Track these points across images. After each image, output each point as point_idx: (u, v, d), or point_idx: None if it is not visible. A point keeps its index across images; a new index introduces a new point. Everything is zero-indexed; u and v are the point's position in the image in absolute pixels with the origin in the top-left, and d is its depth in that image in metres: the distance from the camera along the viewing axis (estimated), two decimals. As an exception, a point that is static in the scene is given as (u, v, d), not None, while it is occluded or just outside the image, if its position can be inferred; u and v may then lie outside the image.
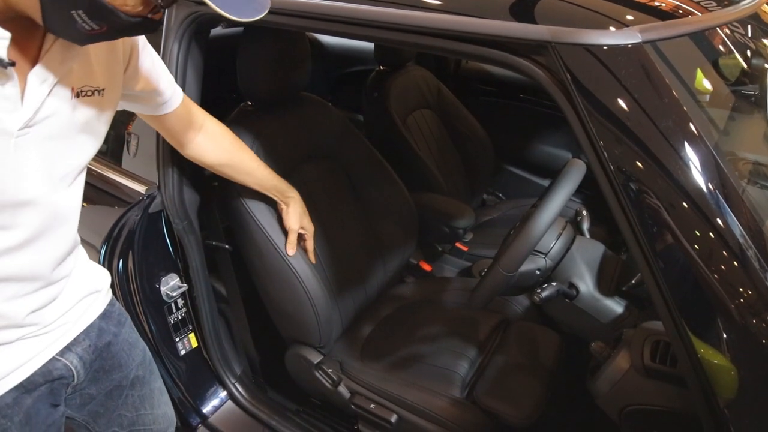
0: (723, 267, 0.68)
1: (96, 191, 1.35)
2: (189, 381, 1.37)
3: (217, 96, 1.38)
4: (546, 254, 1.06)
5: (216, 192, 1.35)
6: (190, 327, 1.36)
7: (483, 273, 1.01)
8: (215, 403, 1.41)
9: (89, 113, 0.72)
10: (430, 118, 2.01)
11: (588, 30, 0.72)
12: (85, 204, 1.39)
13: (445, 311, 1.48)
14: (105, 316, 0.91)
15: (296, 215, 1.19)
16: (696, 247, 0.68)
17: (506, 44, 0.76)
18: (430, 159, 1.90)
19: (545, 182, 2.18)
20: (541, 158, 2.19)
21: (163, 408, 1.05)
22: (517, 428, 1.17)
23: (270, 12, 0.96)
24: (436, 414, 1.19)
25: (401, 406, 1.23)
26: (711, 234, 0.68)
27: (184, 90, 1.11)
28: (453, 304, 1.51)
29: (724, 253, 0.68)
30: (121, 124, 1.32)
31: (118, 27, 0.58)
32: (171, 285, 1.28)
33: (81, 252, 0.88)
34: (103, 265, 1.23)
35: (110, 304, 0.94)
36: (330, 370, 1.29)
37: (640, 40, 0.72)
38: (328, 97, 1.58)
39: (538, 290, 1.01)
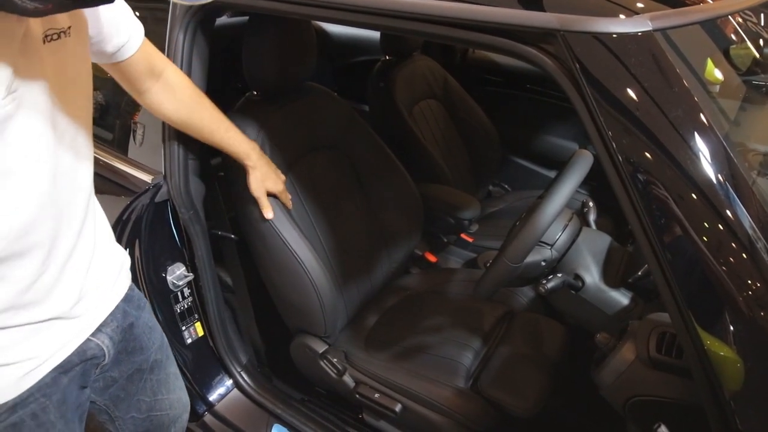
0: (731, 259, 0.68)
1: (102, 180, 1.36)
2: (195, 369, 1.38)
3: (223, 85, 1.38)
4: (552, 245, 1.05)
5: (222, 182, 1.35)
6: (196, 316, 1.37)
7: (488, 264, 1.01)
8: (221, 391, 1.43)
9: (63, 58, 0.68)
10: (436, 109, 2.00)
11: (597, 18, 0.71)
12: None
13: (450, 302, 1.48)
14: (127, 298, 0.92)
15: (256, 182, 1.15)
16: (704, 238, 0.68)
17: (513, 32, 0.75)
18: (436, 149, 1.89)
19: (551, 173, 2.16)
20: (547, 149, 2.17)
21: (177, 393, 1.06)
22: (521, 419, 1.17)
23: (276, 0, 0.95)
24: (441, 404, 1.19)
25: (406, 396, 1.24)
26: (720, 225, 0.67)
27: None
28: (458, 295, 1.51)
29: (733, 244, 0.68)
30: (128, 114, 1.32)
31: (63, 2, 0.54)
32: (177, 274, 1.29)
33: (104, 229, 0.87)
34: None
35: (130, 288, 0.94)
36: (335, 360, 1.30)
37: (650, 28, 0.71)
38: (334, 87, 1.57)
39: (544, 281, 1.01)
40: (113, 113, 1.39)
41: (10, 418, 0.72)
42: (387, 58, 1.93)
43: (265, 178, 1.17)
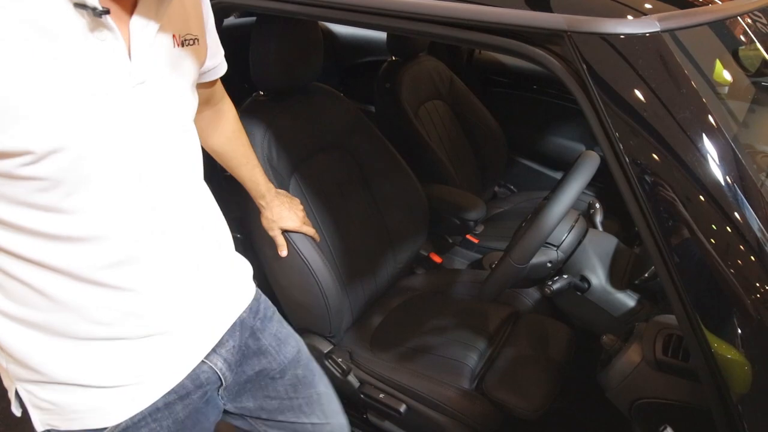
0: (740, 261, 0.67)
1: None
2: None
3: (230, 86, 1.38)
4: (558, 246, 1.05)
5: (228, 182, 1.36)
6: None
7: (493, 265, 1.00)
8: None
9: (191, 63, 0.68)
10: (442, 109, 2.00)
11: (605, 18, 0.70)
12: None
13: (455, 303, 1.48)
14: (250, 310, 0.86)
15: (267, 221, 1.16)
16: (712, 240, 0.67)
17: (520, 33, 0.75)
18: (442, 150, 1.89)
19: (557, 175, 2.16)
20: (553, 150, 2.16)
21: (338, 418, 1.00)
22: (526, 420, 1.17)
23: (283, 0, 0.95)
24: (445, 405, 1.19)
25: (410, 396, 1.24)
26: (728, 228, 0.67)
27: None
28: (463, 295, 1.51)
29: (741, 247, 0.67)
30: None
31: None
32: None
33: (224, 236, 0.82)
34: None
35: (255, 298, 0.88)
36: (340, 360, 1.30)
37: (658, 29, 0.70)
38: (340, 88, 1.57)
39: (549, 283, 1.01)
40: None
41: None
42: (393, 58, 1.93)
43: (278, 218, 1.15)
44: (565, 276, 1.03)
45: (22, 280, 0.59)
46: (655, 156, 0.69)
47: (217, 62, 0.84)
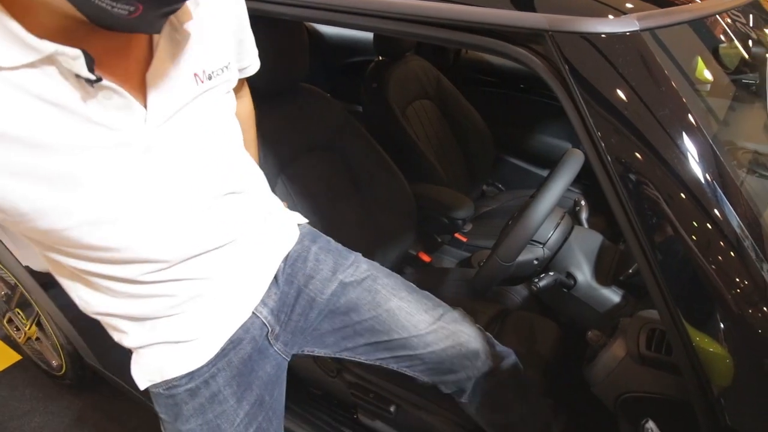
0: (720, 257, 0.68)
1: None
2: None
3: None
4: (544, 244, 1.06)
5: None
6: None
7: (482, 263, 1.01)
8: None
9: (221, 88, 0.69)
10: (429, 109, 2.01)
11: (585, 18, 0.71)
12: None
13: (445, 301, 1.48)
14: (286, 258, 0.92)
15: None
16: (693, 237, 0.68)
17: (503, 33, 0.75)
18: (429, 150, 1.90)
19: (545, 173, 2.17)
20: (540, 149, 2.18)
21: (423, 324, 0.95)
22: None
23: (268, 1, 0.95)
24: (435, 404, 1.19)
25: (401, 396, 1.24)
26: (708, 225, 0.68)
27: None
28: (452, 294, 1.51)
29: (722, 243, 0.68)
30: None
31: (149, 2, 0.48)
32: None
33: (263, 200, 0.87)
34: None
35: (296, 265, 0.92)
36: (329, 360, 1.30)
37: (637, 28, 0.71)
38: (328, 89, 1.57)
39: (536, 280, 1.02)
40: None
41: (188, 384, 0.80)
42: (380, 58, 1.93)
43: None
44: (552, 273, 1.04)
45: (128, 293, 0.72)
46: (636, 154, 0.70)
47: (248, 63, 0.84)
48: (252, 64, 0.86)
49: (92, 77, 0.51)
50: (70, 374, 1.84)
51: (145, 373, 0.80)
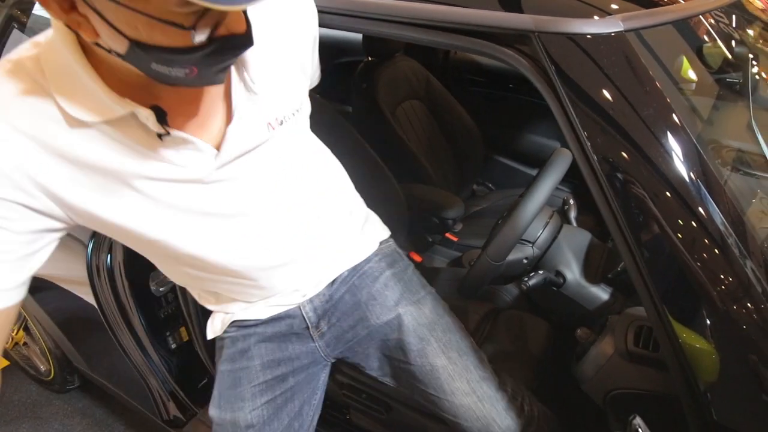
0: (705, 255, 0.69)
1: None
2: (180, 374, 1.38)
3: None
4: (533, 243, 1.07)
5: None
6: (181, 321, 1.37)
7: (472, 263, 1.02)
8: (208, 395, 1.42)
9: (293, 129, 0.75)
10: (419, 109, 2.01)
11: (571, 19, 0.72)
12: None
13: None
14: (354, 268, 0.96)
15: None
16: (679, 235, 0.69)
17: (490, 34, 0.76)
18: (420, 150, 1.90)
19: (534, 172, 2.17)
20: (530, 148, 2.19)
21: (463, 399, 0.94)
22: None
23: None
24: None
25: (392, 397, 1.24)
26: (693, 223, 0.69)
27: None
28: (443, 294, 1.51)
29: (706, 241, 0.69)
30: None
31: (201, 64, 0.52)
32: (160, 279, 1.28)
33: (342, 218, 0.93)
34: (90, 261, 1.22)
35: (366, 258, 0.96)
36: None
37: (622, 29, 0.72)
38: (317, 89, 1.56)
39: (526, 278, 1.02)
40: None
41: (231, 334, 0.93)
42: (369, 59, 1.93)
43: None
44: (541, 272, 1.05)
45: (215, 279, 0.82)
46: (621, 154, 0.71)
47: (313, 80, 0.89)
48: (315, 79, 0.91)
49: (162, 131, 0.60)
50: (58, 379, 1.82)
51: (211, 330, 0.95)
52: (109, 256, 1.21)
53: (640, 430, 0.65)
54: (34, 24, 1.24)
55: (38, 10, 1.23)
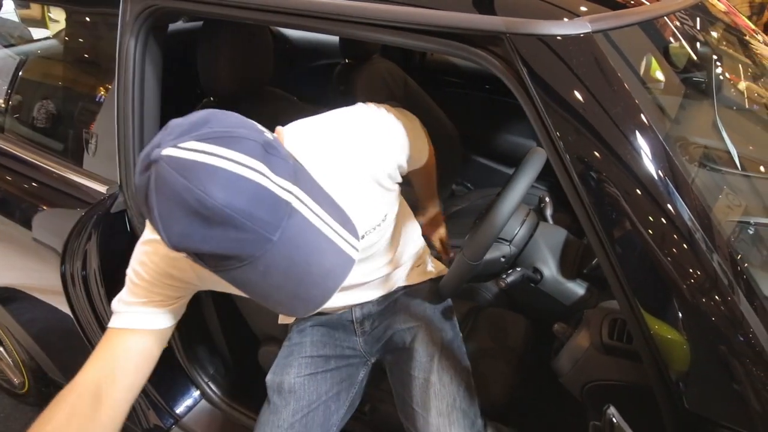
0: (674, 249, 0.71)
1: (56, 193, 1.31)
2: (160, 382, 1.36)
3: (184, 92, 1.36)
4: (510, 241, 1.08)
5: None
6: (160, 328, 1.34)
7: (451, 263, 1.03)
8: (188, 403, 1.40)
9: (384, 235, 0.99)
10: (397, 110, 2.02)
11: (541, 20, 0.73)
12: (44, 207, 1.35)
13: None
14: (395, 303, 1.15)
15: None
16: (649, 231, 0.71)
17: (462, 36, 0.77)
18: (399, 151, 1.90)
19: (512, 171, 2.20)
20: (508, 148, 2.22)
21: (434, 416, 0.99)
22: (488, 412, 1.20)
23: (228, 5, 0.94)
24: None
25: (375, 396, 1.25)
26: (662, 219, 0.71)
27: (143, 88, 1.09)
28: (423, 295, 1.52)
29: (675, 236, 0.71)
30: (82, 124, 1.28)
31: None
32: (138, 286, 1.25)
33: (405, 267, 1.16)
34: (64, 269, 1.20)
35: (406, 294, 1.15)
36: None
37: (590, 30, 0.74)
38: (294, 92, 1.56)
39: (504, 276, 1.04)
40: (66, 123, 1.34)
41: (298, 326, 1.16)
42: (347, 61, 1.93)
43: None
44: (519, 269, 1.06)
45: None
46: (593, 152, 0.72)
47: (414, 163, 1.00)
48: (418, 159, 1.05)
49: None
50: (33, 391, 1.77)
51: (282, 318, 1.20)
52: (83, 264, 1.19)
53: (614, 419, 0.67)
54: None
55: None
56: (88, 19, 1.29)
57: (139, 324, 0.76)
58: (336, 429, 1.09)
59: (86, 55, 1.34)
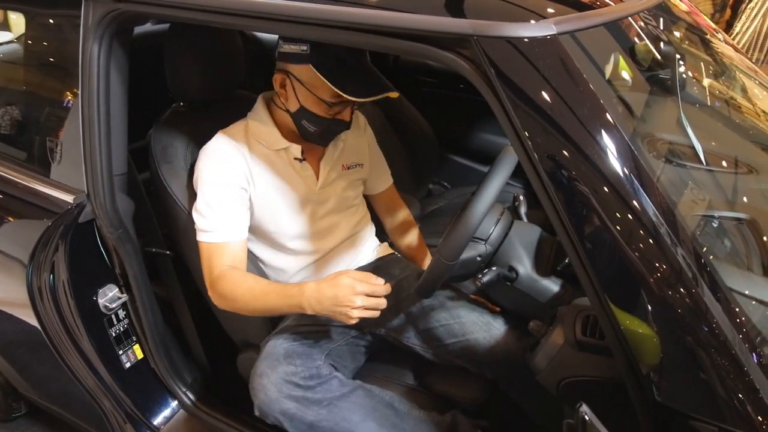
0: (641, 245, 0.73)
1: (22, 204, 1.27)
2: (137, 393, 1.33)
3: (155, 96, 1.33)
4: (486, 240, 1.09)
5: (152, 197, 1.30)
6: (134, 338, 1.32)
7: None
8: (166, 413, 1.38)
9: (355, 176, 1.31)
10: (371, 111, 2.01)
11: (507, 23, 0.74)
12: (10, 218, 1.31)
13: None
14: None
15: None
16: (617, 227, 0.73)
17: (431, 38, 0.77)
18: (375, 152, 1.90)
19: (487, 169, 2.23)
20: (482, 146, 2.24)
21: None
22: (468, 409, 1.21)
23: (194, 9, 0.93)
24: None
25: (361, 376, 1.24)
26: (629, 215, 0.73)
27: (108, 94, 1.07)
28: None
29: (641, 231, 0.73)
30: (48, 131, 1.24)
31: (324, 127, 1.14)
32: (110, 296, 1.23)
33: (366, 243, 1.42)
34: (31, 282, 1.16)
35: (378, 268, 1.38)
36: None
37: (555, 32, 0.75)
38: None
39: (480, 275, 1.04)
40: (32, 130, 1.30)
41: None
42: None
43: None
44: (494, 268, 1.07)
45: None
46: (561, 151, 0.73)
47: (377, 176, 1.43)
48: (382, 177, 1.46)
49: (300, 158, 1.20)
50: (2, 407, 1.71)
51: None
52: (51, 276, 1.15)
53: (586, 416, 0.68)
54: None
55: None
56: (51, 21, 1.25)
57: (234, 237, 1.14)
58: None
59: (51, 59, 1.31)
